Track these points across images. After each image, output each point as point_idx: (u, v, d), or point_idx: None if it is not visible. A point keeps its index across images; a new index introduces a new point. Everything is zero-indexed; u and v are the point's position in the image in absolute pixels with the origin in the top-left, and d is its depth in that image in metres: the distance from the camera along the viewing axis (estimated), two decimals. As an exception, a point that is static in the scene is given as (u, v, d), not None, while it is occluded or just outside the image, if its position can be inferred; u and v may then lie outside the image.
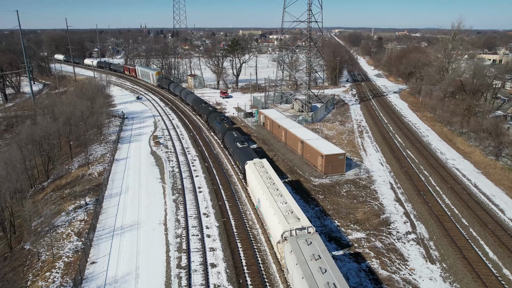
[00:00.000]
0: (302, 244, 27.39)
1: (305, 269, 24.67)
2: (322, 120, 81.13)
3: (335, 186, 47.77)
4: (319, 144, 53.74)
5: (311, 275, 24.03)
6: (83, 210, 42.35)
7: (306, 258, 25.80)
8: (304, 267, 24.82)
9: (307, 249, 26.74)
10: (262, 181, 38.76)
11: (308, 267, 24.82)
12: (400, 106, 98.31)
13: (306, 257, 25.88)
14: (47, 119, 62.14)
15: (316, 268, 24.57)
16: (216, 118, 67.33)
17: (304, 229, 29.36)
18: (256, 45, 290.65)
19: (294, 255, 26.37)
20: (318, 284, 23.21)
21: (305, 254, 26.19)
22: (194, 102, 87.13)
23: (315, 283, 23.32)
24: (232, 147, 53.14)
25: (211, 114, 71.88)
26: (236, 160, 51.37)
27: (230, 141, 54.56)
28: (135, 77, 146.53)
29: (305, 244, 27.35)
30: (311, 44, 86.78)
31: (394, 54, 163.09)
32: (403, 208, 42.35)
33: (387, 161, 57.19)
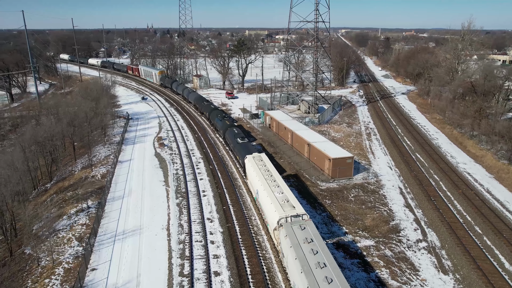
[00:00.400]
0: (296, 229, 29.26)
1: (298, 251, 26.54)
2: (329, 122, 79.81)
3: (342, 191, 46.52)
4: (326, 147, 52.50)
5: (304, 256, 25.91)
6: (85, 214, 41.52)
7: (299, 242, 27.66)
8: (297, 249, 26.70)
9: (300, 233, 28.61)
10: (261, 173, 40.27)
11: (301, 249, 26.68)
12: (408, 107, 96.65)
13: (300, 241, 27.73)
14: (50, 120, 61.47)
15: (308, 250, 26.43)
16: (218, 116, 69.39)
17: (299, 216, 31.21)
18: (262, 45, 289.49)
19: (288, 239, 28.28)
20: (309, 264, 24.98)
21: (298, 238, 28.06)
22: (196, 100, 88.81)
23: (307, 262, 25.16)
24: (232, 143, 55.17)
25: (213, 111, 73.73)
26: (236, 155, 53.41)
27: (231, 137, 56.65)
28: (138, 76, 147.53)
29: (299, 229, 29.21)
30: (318, 45, 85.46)
31: (402, 55, 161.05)
32: (413, 215, 40.99)
33: (396, 165, 55.78)
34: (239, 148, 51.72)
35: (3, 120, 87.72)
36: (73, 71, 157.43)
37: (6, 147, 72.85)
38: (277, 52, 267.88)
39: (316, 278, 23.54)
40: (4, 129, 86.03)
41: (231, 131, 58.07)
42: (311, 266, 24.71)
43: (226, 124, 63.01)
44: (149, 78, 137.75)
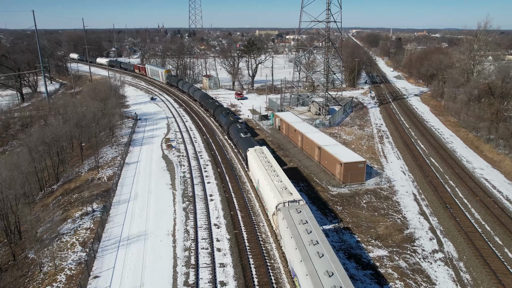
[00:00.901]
0: (292, 212, 31.78)
1: (294, 230, 29.09)
2: (340, 124, 78.10)
3: (354, 197, 44.95)
4: (337, 150, 50.95)
5: (298, 235, 28.42)
6: (90, 218, 40.66)
7: (295, 223, 30.17)
8: (293, 229, 29.24)
9: (296, 216, 31.10)
10: (262, 164, 42.68)
11: (296, 229, 29.23)
12: (421, 109, 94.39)
13: (295, 222, 30.26)
14: (58, 120, 60.96)
15: (303, 229, 28.88)
16: (222, 112, 72.35)
17: (295, 202, 33.75)
18: (273, 45, 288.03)
19: (285, 220, 30.83)
20: (303, 241, 27.44)
21: (294, 220, 30.57)
22: (202, 98, 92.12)
23: (301, 240, 27.62)
24: (236, 137, 57.91)
25: (217, 108, 77.18)
26: (239, 149, 55.96)
27: (234, 132, 59.48)
28: (145, 75, 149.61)
29: (295, 212, 31.76)
30: (329, 45, 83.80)
31: (414, 56, 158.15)
32: (428, 223, 39.28)
33: (409, 170, 53.97)
34: (242, 142, 53.90)
35: (13, 119, 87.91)
36: (84, 70, 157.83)
37: (15, 147, 72.85)
38: (287, 52, 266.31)
39: (308, 253, 26.08)
40: (14, 128, 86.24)
41: (235, 127, 60.74)
42: (304, 243, 27.23)
43: (230, 120, 65.65)
44: (155, 77, 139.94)
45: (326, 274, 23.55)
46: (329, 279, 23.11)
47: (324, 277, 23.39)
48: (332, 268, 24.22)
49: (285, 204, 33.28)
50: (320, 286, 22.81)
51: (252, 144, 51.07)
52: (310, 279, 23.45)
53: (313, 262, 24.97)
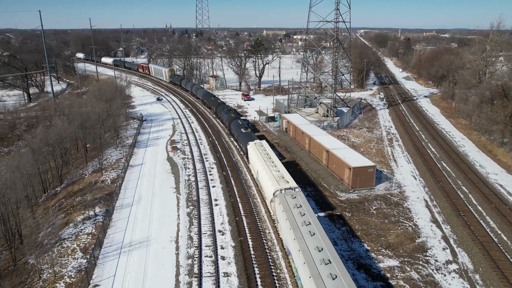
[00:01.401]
0: (288, 198, 34.45)
1: (289, 214, 31.78)
2: (349, 126, 76.57)
3: (363, 203, 43.52)
4: (346, 154, 49.52)
5: (293, 217, 31.07)
6: (92, 222, 39.75)
7: (290, 207, 32.80)
8: (288, 213, 31.93)
9: (291, 201, 33.89)
10: (261, 156, 45.32)
11: (291, 212, 31.89)
12: (431, 111, 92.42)
13: (290, 206, 32.90)
14: (62, 121, 60.28)
15: (297, 212, 31.57)
16: (224, 109, 75.35)
17: (291, 189, 36.26)
18: (280, 45, 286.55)
19: (281, 205, 33.46)
20: (297, 223, 30.12)
21: (289, 204, 33.25)
22: (204, 96, 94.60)
23: (295, 222, 30.32)
24: (237, 133, 60.71)
25: (219, 106, 79.95)
26: (240, 143, 58.70)
27: (235, 128, 62.37)
28: (148, 74, 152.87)
29: (290, 198, 34.45)
30: (337, 45, 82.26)
31: (424, 56, 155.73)
32: (441, 231, 37.74)
33: (420, 174, 52.36)
34: (243, 137, 56.68)
35: (19, 120, 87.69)
36: (91, 70, 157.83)
37: (20, 148, 72.49)
38: (294, 52, 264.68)
39: (301, 232, 28.82)
40: (20, 129, 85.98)
41: (236, 123, 63.81)
42: (298, 224, 29.97)
43: (231, 116, 69.06)
44: (159, 76, 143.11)
45: (316, 250, 26.49)
46: (318, 253, 26.06)
47: (315, 252, 26.32)
48: (322, 245, 27.09)
49: (282, 191, 35.84)
50: (311, 260, 25.61)
51: (252, 139, 53.69)
52: (302, 254, 26.36)
53: (305, 240, 27.86)
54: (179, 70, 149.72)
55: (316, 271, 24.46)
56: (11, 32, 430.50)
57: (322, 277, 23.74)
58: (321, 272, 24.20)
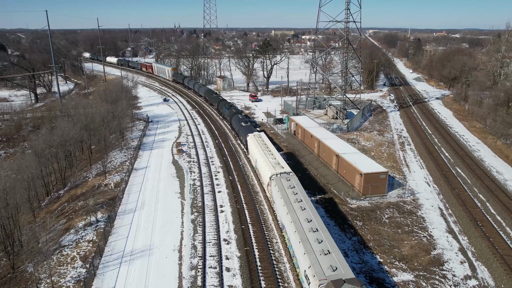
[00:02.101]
0: (283, 180, 38.24)
1: (283, 193, 35.64)
2: (359, 129, 74.58)
3: (375, 211, 41.67)
4: (357, 159, 47.68)
5: (287, 196, 34.97)
6: (93, 229, 38.47)
7: (284, 187, 36.61)
8: (282, 192, 35.79)
9: (286, 182, 37.67)
10: (259, 146, 49.12)
11: (285, 192, 35.68)
12: (444, 114, 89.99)
13: (285, 187, 36.73)
14: (66, 123, 59.20)
15: (290, 192, 35.43)
16: (225, 105, 79.90)
17: (286, 173, 40.02)
18: (288, 45, 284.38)
19: (277, 186, 37.34)
20: (290, 200, 33.94)
21: (284, 185, 37.01)
22: (206, 93, 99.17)
23: (289, 199, 34.13)
24: (237, 126, 64.69)
25: (221, 102, 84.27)
26: (240, 135, 62.73)
27: (236, 122, 66.35)
28: (152, 73, 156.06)
29: (285, 180, 38.29)
30: (348, 46, 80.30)
31: (435, 57, 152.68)
32: (457, 243, 35.78)
33: (434, 181, 50.31)
34: (243, 130, 60.70)
35: (25, 120, 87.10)
36: (98, 70, 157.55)
37: (26, 149, 71.69)
38: (303, 52, 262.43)
39: (294, 208, 32.57)
40: (26, 129, 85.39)
41: (237, 117, 68.09)
42: (291, 201, 33.79)
43: (232, 112, 73.30)
44: (162, 75, 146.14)
45: (306, 221, 30.29)
46: (308, 224, 29.90)
47: (304, 222, 30.15)
48: (311, 217, 30.89)
49: (277, 175, 39.51)
50: (301, 228, 29.43)
51: (252, 131, 57.65)
52: (293, 225, 30.21)
53: (297, 214, 31.57)
54: (187, 70, 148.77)
55: (305, 237, 28.22)
56: (22, 32, 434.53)
57: (310, 241, 27.54)
58: (309, 238, 27.97)
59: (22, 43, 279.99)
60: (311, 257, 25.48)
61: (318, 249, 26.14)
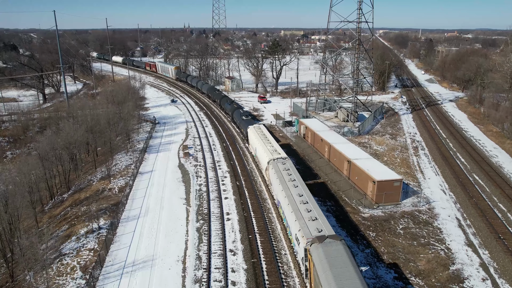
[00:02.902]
0: (279, 164, 42.51)
1: (279, 174, 39.79)
2: (370, 132, 72.43)
3: (389, 220, 39.68)
4: (369, 165, 45.69)
5: (282, 176, 39.06)
6: (95, 236, 37.13)
7: (280, 170, 40.90)
8: (278, 174, 40.01)
9: (281, 166, 41.87)
10: (258, 136, 53.55)
11: (281, 173, 39.96)
12: (458, 117, 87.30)
13: (281, 169, 40.99)
14: (71, 125, 58.17)
15: (286, 173, 39.74)
16: (227, 101, 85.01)
17: (282, 158, 44.39)
18: (298, 46, 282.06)
19: (273, 169, 41.70)
20: (285, 180, 38.12)
21: (280, 168, 41.31)
22: (209, 90, 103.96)
23: (284, 179, 38.31)
24: (238, 120, 69.72)
25: (223, 98, 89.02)
26: (241, 128, 67.58)
27: (237, 116, 71.44)
28: (155, 72, 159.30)
29: (281, 164, 42.53)
30: (359, 47, 78.16)
31: (449, 58, 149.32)
32: (478, 258, 33.67)
33: (450, 188, 48.09)
34: (243, 123, 65.41)
35: (32, 121, 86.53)
36: (107, 70, 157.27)
37: (32, 150, 70.92)
38: (312, 53, 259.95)
39: (288, 186, 37.01)
40: (32, 130, 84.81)
41: (238, 112, 72.94)
42: (286, 181, 38.09)
43: (234, 107, 78.43)
44: (165, 74, 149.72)
45: (297, 195, 34.80)
46: (299, 197, 34.39)
47: (296, 197, 34.57)
48: (302, 192, 35.42)
49: (274, 160, 43.82)
50: (293, 201, 33.88)
51: (252, 124, 62.37)
52: (287, 199, 34.75)
53: (290, 190, 36.09)
54: (195, 71, 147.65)
55: (296, 207, 32.76)
56: (35, 32, 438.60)
57: (300, 211, 32.02)
58: (299, 208, 32.52)
59: (34, 43, 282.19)
60: (301, 222, 30.18)
61: (307, 216, 30.90)
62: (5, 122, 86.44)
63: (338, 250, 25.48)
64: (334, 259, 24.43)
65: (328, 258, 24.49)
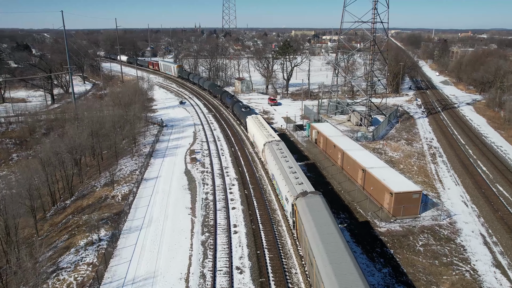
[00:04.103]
0: (273, 145, 49.18)
1: (274, 153, 46.32)
2: (385, 138, 69.46)
3: (408, 236, 36.95)
4: (386, 175, 42.96)
5: (276, 155, 45.41)
6: (95, 249, 35.16)
7: (274, 149, 47.33)
8: (273, 152, 46.57)
9: (275, 146, 48.55)
10: (256, 124, 60.59)
11: (275, 152, 46.38)
12: (477, 121, 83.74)
13: (275, 149, 47.50)
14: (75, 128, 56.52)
15: (279, 153, 46.17)
16: (227, 96, 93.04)
17: (276, 141, 51.14)
18: (309, 46, 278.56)
19: (269, 150, 48.25)
20: (278, 157, 44.62)
21: (274, 148, 47.84)
22: (210, 86, 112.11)
23: (278, 157, 44.65)
24: (238, 112, 77.38)
25: (223, 93, 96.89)
26: (241, 118, 75.19)
27: (237, 108, 78.84)
28: (158, 70, 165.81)
29: (275, 145, 49.15)
30: (374, 48, 75.21)
31: (465, 59, 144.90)
32: (508, 281, 30.79)
33: (472, 200, 45.09)
34: (243, 114, 72.64)
35: (38, 123, 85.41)
36: (116, 71, 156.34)
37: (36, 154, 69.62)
38: (323, 53, 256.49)
39: (281, 161, 43.32)
40: (39, 132, 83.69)
41: (238, 105, 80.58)
42: (279, 158, 44.32)
43: (234, 100, 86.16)
44: (168, 72, 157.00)
45: (288, 168, 41.19)
46: (289, 169, 40.82)
47: (288, 169, 40.92)
48: (292, 165, 42.01)
49: (270, 142, 50.55)
50: (284, 172, 40.34)
51: (250, 114, 68.54)
52: (280, 171, 41.08)
53: (282, 164, 42.43)
54: (205, 72, 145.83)
55: (287, 175, 39.54)
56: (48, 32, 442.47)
57: (290, 178, 38.72)
58: (289, 176, 39.14)
59: (46, 43, 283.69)
60: (290, 186, 37.06)
61: (294, 182, 37.74)
62: (12, 123, 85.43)
63: (316, 200, 33.27)
64: (313, 206, 32.05)
65: (308, 206, 32.05)
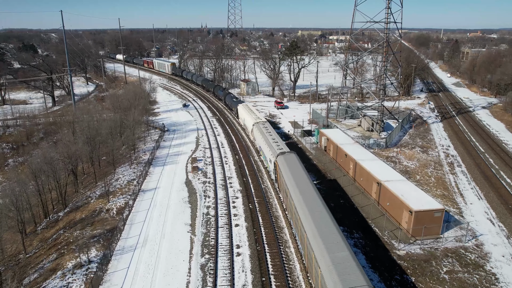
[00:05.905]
0: (260, 126, 58.85)
1: (261, 131, 56.41)
2: (398, 145, 65.55)
3: (430, 261, 33.16)
4: (404, 190, 39.17)
5: (264, 133, 55.02)
6: (83, 273, 31.84)
7: (261, 128, 57.61)
8: (260, 130, 56.74)
9: (262, 126, 58.64)
10: (245, 110, 70.52)
11: (262, 131, 56.25)
12: (495, 127, 79.50)
13: (261, 128, 57.65)
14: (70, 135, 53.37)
15: (265, 130, 56.09)
16: (220, 89, 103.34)
17: (262, 122, 61.07)
18: (316, 46, 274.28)
19: (257, 129, 58.44)
20: (264, 133, 54.68)
21: (261, 127, 57.89)
22: (203, 82, 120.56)
23: (265, 135, 53.98)
24: (230, 101, 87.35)
25: (216, 87, 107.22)
26: (232, 107, 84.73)
27: (229, 99, 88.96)
28: (152, 68, 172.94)
29: (262, 126, 58.88)
30: (388, 49, 71.27)
31: (479, 60, 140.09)
32: (549, 318, 26.96)
33: (498, 217, 41.16)
34: (234, 103, 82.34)
35: (36, 126, 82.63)
36: (120, 71, 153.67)
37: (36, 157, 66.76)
38: (331, 53, 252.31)
39: (266, 136, 53.29)
40: (37, 136, 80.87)
41: (229, 96, 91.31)
42: (265, 134, 54.52)
43: (226, 93, 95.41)
44: (162, 69, 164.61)
45: (272, 139, 51.40)
46: (272, 140, 50.97)
47: (271, 142, 50.40)
48: (275, 138, 52.30)
49: (257, 123, 60.01)
50: (269, 142, 50.58)
51: (241, 103, 79.33)
52: (265, 142, 51.54)
53: (267, 137, 52.34)
54: (210, 73, 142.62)
55: (270, 144, 49.32)
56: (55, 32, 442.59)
57: (272, 146, 48.42)
58: (272, 145, 48.79)
59: (51, 43, 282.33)
60: (272, 150, 47.21)
61: (275, 147, 47.56)
62: (10, 127, 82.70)
63: (291, 157, 43.61)
64: (289, 161, 42.20)
65: (286, 161, 42.21)
